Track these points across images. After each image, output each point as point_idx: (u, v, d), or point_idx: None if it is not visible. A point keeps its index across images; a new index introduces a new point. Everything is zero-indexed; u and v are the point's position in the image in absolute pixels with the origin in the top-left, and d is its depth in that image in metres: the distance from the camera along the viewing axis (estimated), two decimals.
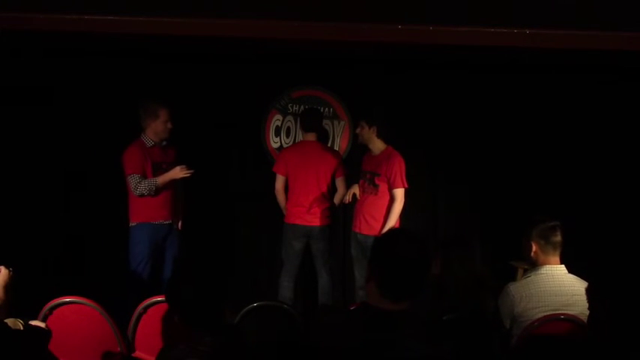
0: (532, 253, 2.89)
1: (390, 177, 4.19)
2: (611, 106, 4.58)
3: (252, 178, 5.03)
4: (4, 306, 2.53)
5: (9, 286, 2.59)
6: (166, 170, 4.06)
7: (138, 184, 3.96)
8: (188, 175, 4.03)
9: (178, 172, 4.02)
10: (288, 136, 5.03)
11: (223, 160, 5.03)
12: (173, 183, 4.14)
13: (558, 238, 2.86)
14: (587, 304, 2.44)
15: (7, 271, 2.59)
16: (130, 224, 4.12)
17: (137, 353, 2.92)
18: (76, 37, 3.48)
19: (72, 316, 2.86)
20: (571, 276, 2.85)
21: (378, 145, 4.31)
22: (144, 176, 4.00)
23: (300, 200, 4.36)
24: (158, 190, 4.03)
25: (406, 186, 4.22)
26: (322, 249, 4.44)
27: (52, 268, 4.44)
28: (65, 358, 2.79)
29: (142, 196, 3.99)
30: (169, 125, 4.09)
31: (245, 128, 5.01)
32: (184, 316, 2.07)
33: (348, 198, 4.43)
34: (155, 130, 4.07)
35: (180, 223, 4.38)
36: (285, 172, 4.41)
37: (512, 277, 4.43)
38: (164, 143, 4.17)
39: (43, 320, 2.79)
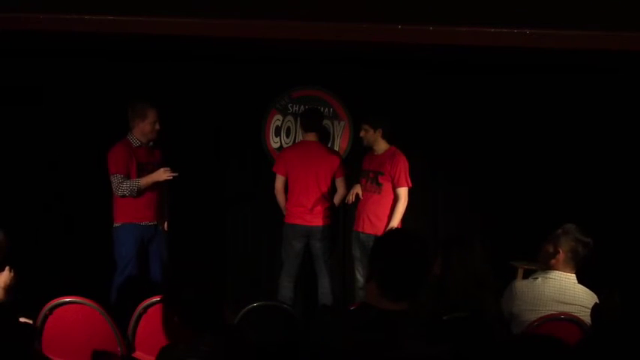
0: (554, 260, 2.82)
1: (395, 176, 4.20)
2: (611, 106, 4.58)
3: (252, 178, 5.03)
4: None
5: (10, 287, 2.59)
6: (151, 171, 4.01)
7: (120, 185, 3.91)
8: (171, 177, 3.97)
9: (162, 174, 3.96)
10: (288, 136, 5.03)
11: (223, 160, 5.04)
12: (158, 184, 4.07)
13: (586, 255, 2.82)
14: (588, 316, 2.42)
15: (9, 272, 2.59)
16: (114, 225, 4.07)
17: (137, 353, 2.92)
18: (75, 37, 3.47)
19: (72, 316, 2.85)
20: (580, 286, 2.81)
21: (382, 146, 4.34)
22: (127, 176, 3.95)
23: (300, 200, 4.35)
24: (140, 192, 3.97)
25: (410, 185, 4.24)
26: (323, 249, 4.44)
27: (48, 268, 4.43)
28: (65, 358, 2.79)
29: (123, 196, 3.95)
30: (157, 126, 4.04)
31: (245, 128, 5.01)
32: (184, 316, 2.07)
33: (351, 198, 4.43)
34: (142, 130, 4.02)
35: (166, 225, 4.30)
36: (285, 172, 4.40)
37: (513, 277, 4.43)
38: (151, 144, 4.13)
39: (43, 320, 2.79)
